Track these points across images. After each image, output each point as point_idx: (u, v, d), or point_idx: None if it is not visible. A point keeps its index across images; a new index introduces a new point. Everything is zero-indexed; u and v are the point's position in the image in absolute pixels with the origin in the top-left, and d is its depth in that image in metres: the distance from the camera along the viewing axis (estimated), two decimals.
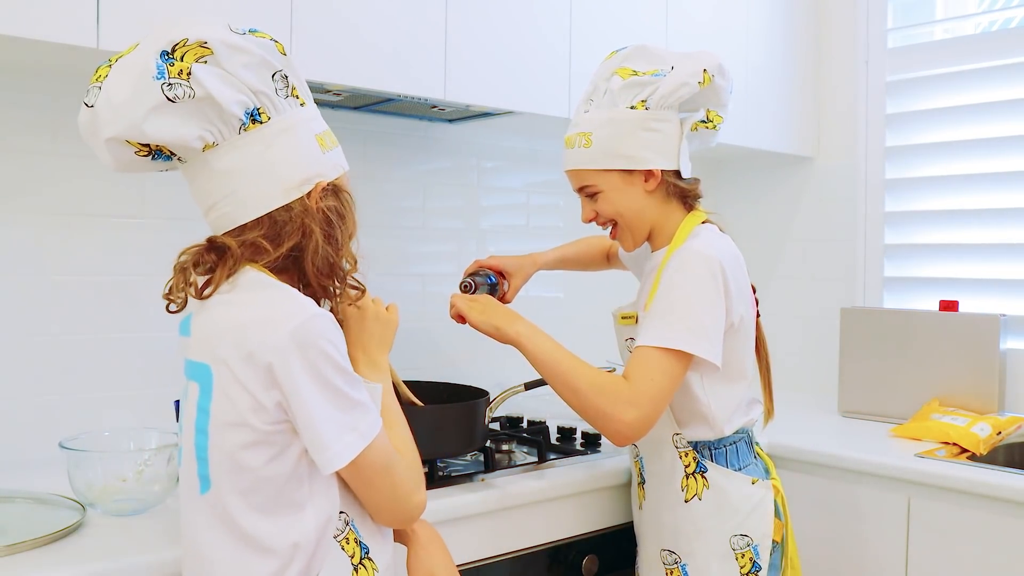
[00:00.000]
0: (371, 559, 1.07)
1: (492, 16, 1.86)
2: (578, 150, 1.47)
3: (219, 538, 1.01)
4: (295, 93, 1.07)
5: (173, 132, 0.99)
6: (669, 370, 1.35)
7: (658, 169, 1.45)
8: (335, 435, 0.98)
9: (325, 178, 1.07)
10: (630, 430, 1.33)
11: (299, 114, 1.06)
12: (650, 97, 1.43)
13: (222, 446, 1.00)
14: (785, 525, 1.52)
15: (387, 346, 1.21)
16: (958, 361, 2.12)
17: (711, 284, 1.37)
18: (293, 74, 1.07)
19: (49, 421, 1.65)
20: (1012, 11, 2.38)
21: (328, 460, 0.98)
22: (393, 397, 1.17)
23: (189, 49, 0.99)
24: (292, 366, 0.95)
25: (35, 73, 1.59)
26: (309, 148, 1.06)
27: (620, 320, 1.55)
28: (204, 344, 1.02)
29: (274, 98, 1.04)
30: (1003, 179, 2.31)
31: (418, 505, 1.10)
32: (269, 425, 0.97)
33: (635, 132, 1.43)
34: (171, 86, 0.97)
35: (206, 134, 1.01)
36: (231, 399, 0.98)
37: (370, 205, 2.13)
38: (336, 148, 1.12)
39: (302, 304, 1.00)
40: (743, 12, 2.42)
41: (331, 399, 0.98)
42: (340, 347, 1.00)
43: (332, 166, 1.09)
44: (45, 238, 1.66)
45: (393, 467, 1.05)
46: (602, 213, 1.49)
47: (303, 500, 1.01)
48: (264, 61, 1.03)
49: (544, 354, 1.39)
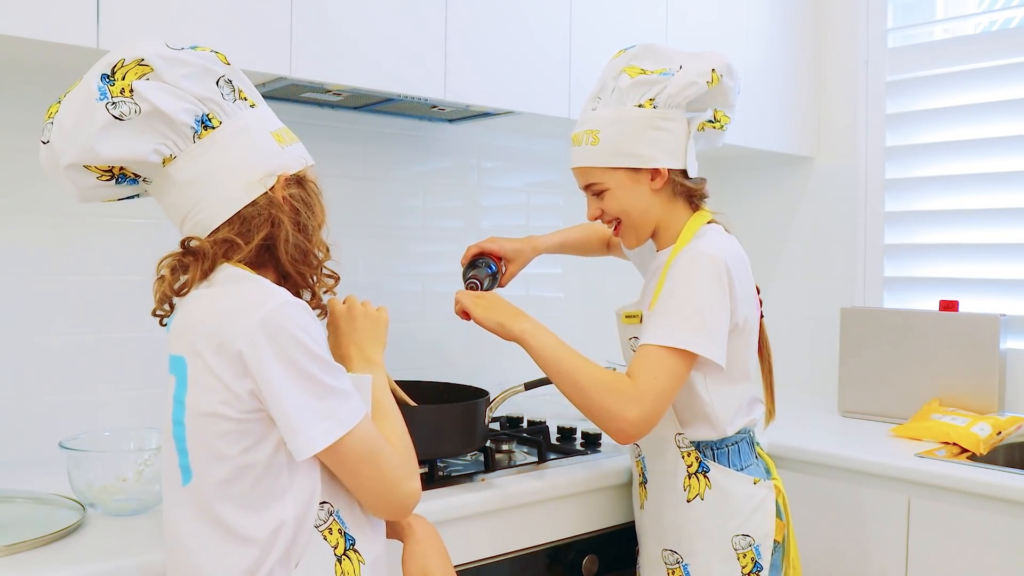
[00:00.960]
0: (357, 551, 1.07)
1: (492, 16, 1.86)
2: (585, 148, 1.47)
3: (201, 529, 1.02)
4: (243, 96, 1.08)
5: (128, 149, 1.02)
6: (673, 369, 1.35)
7: (665, 168, 1.45)
8: (309, 421, 0.98)
9: (288, 170, 1.09)
10: (633, 428, 1.33)
11: (250, 114, 1.08)
12: (658, 96, 1.43)
13: (199, 436, 1.01)
14: (786, 525, 1.52)
15: (380, 342, 1.22)
16: (958, 361, 2.12)
17: (716, 285, 1.37)
18: (238, 79, 1.09)
19: (49, 421, 1.65)
20: (1012, 11, 2.38)
21: (300, 446, 0.98)
22: (387, 390, 1.17)
23: (128, 68, 1.01)
24: (262, 353, 0.96)
25: (35, 73, 1.59)
26: (266, 144, 1.08)
27: (624, 319, 1.55)
28: (180, 338, 1.03)
29: (222, 102, 1.06)
30: (1003, 179, 2.31)
31: (410, 495, 1.09)
32: (244, 414, 0.98)
33: (643, 131, 1.43)
34: (115, 104, 1.00)
35: (161, 147, 1.03)
36: (205, 389, 0.99)
37: (370, 205, 2.13)
38: (296, 143, 1.13)
39: (272, 292, 1.00)
40: (743, 12, 2.42)
41: (304, 386, 0.98)
42: (313, 334, 1.00)
43: (293, 158, 1.10)
44: (45, 238, 1.66)
45: (379, 456, 1.05)
46: (608, 211, 1.49)
47: (282, 490, 1.01)
48: (205, 69, 1.05)
49: (548, 351, 1.39)
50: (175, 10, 1.44)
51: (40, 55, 1.44)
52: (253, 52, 1.52)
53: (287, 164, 1.09)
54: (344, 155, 2.08)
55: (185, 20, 1.45)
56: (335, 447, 1.00)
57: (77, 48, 1.36)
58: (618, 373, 1.39)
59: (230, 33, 1.49)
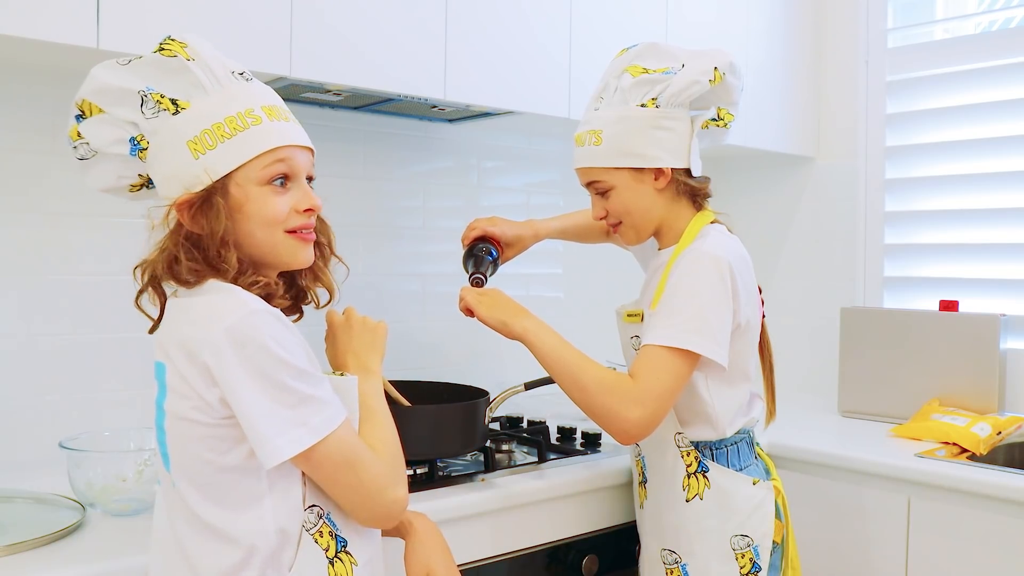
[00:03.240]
0: (349, 553, 1.06)
1: (492, 16, 1.86)
2: (588, 148, 1.46)
3: (189, 530, 1.03)
4: (164, 105, 1.04)
5: (106, 180, 1.11)
6: (676, 370, 1.35)
7: (668, 167, 1.44)
8: (277, 430, 0.97)
9: (192, 188, 1.03)
10: (636, 429, 1.33)
11: (167, 126, 1.04)
12: (661, 95, 1.43)
13: (177, 441, 1.02)
14: (786, 526, 1.52)
15: (378, 351, 1.20)
16: (958, 361, 2.12)
17: (719, 285, 1.37)
18: (174, 81, 1.05)
19: (49, 421, 1.65)
20: (1012, 11, 2.38)
21: (268, 454, 0.97)
22: (380, 396, 1.16)
23: (84, 107, 1.07)
24: (227, 363, 0.95)
25: (35, 73, 1.58)
26: (176, 161, 1.04)
27: (625, 318, 1.55)
28: (160, 345, 1.04)
29: (143, 122, 1.05)
30: (1003, 179, 2.31)
31: (395, 502, 1.07)
32: (216, 420, 0.98)
33: (645, 130, 1.43)
34: (76, 148, 1.09)
35: (125, 172, 1.10)
36: (180, 396, 0.99)
37: (370, 205, 2.13)
38: (223, 144, 1.02)
39: (242, 301, 0.99)
40: (743, 12, 2.42)
41: (273, 395, 0.96)
42: (283, 341, 0.98)
43: (203, 170, 1.02)
44: (45, 238, 1.66)
45: (358, 463, 1.03)
46: (612, 211, 1.49)
47: (261, 494, 1.01)
48: (123, 90, 1.05)
49: (551, 351, 1.39)
50: (175, 10, 1.43)
51: (40, 55, 1.44)
52: (253, 52, 1.52)
53: (196, 180, 1.02)
54: (344, 155, 2.08)
55: (185, 20, 1.44)
56: (308, 455, 0.99)
57: (77, 48, 1.35)
58: (621, 373, 1.39)
59: (230, 33, 1.49)
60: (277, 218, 1.05)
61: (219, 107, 1.04)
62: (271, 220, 1.05)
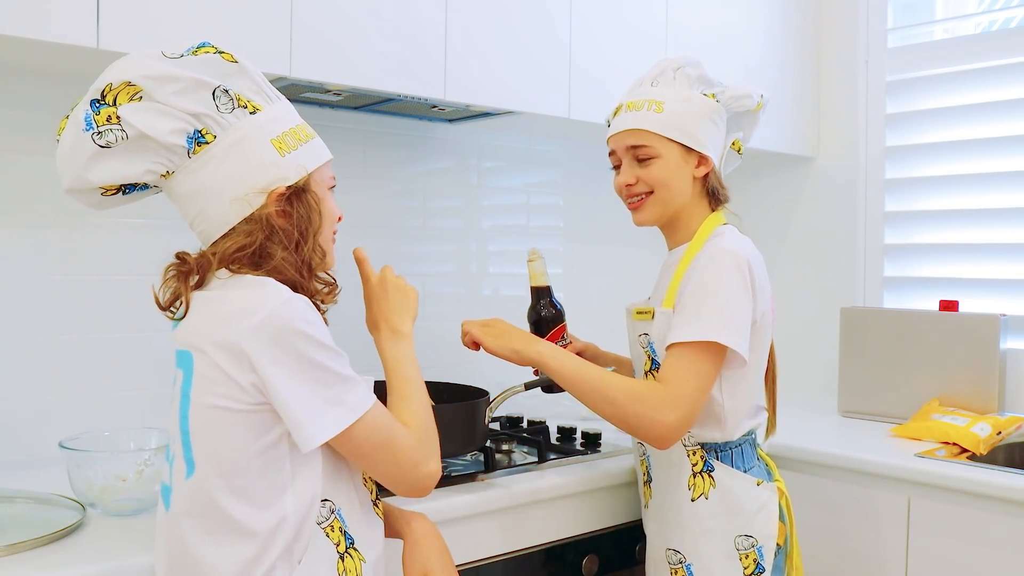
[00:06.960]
0: (357, 549, 1.08)
1: (492, 16, 1.86)
2: (647, 113, 1.48)
3: (201, 522, 1.02)
4: (242, 103, 1.06)
5: (119, 173, 1.04)
6: (703, 369, 1.36)
7: (711, 158, 1.50)
8: (318, 411, 0.99)
9: (284, 182, 1.06)
10: (673, 432, 1.35)
11: (250, 123, 1.06)
12: (720, 94, 1.51)
13: (203, 429, 1.02)
14: (789, 528, 1.52)
15: (410, 314, 1.23)
16: (958, 361, 2.12)
17: (740, 280, 1.39)
18: (240, 83, 1.07)
19: (49, 421, 1.65)
20: (1012, 11, 2.38)
21: (310, 436, 0.99)
22: (412, 362, 1.19)
23: (118, 91, 1.01)
24: (268, 352, 0.97)
25: (35, 73, 1.58)
26: (262, 156, 1.06)
27: (635, 315, 1.55)
28: (187, 335, 1.05)
29: (216, 116, 1.05)
30: (1003, 179, 2.31)
31: (428, 475, 1.11)
32: (247, 407, 0.99)
33: (704, 117, 1.49)
34: (100, 134, 1.01)
35: (155, 167, 1.05)
36: (211, 383, 1.00)
37: (370, 205, 2.13)
38: (302, 146, 1.09)
39: (276, 290, 1.01)
40: (743, 12, 2.42)
41: (315, 375, 1.00)
42: (318, 325, 1.02)
43: (293, 168, 1.07)
44: (45, 238, 1.66)
45: (393, 440, 1.06)
46: (645, 179, 1.49)
47: (284, 484, 1.02)
48: (197, 82, 1.03)
49: (572, 371, 1.40)
50: (175, 10, 1.43)
51: (40, 55, 1.44)
52: (253, 52, 1.51)
53: (283, 176, 1.06)
54: (344, 155, 2.07)
55: (185, 20, 1.44)
56: (348, 434, 1.02)
57: (77, 48, 1.35)
58: (648, 381, 1.42)
59: (230, 33, 1.49)
60: (336, 218, 1.16)
61: (286, 114, 1.11)
62: (335, 219, 1.15)
